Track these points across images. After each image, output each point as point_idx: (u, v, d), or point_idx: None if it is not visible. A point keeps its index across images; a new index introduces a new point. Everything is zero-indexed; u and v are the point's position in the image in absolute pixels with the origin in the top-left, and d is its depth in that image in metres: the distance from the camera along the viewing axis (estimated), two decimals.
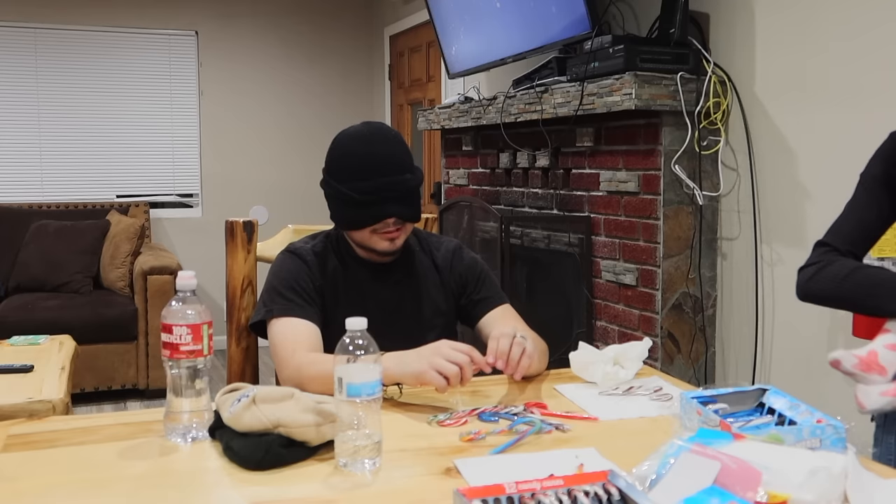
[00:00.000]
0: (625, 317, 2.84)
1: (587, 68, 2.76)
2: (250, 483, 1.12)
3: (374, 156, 1.67)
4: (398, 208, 1.67)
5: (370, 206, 1.66)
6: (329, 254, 1.77)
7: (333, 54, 5.92)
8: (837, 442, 1.14)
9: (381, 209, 1.66)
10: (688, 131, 2.62)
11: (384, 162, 1.67)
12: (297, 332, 1.63)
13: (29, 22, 5.24)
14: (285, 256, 1.75)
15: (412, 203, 1.69)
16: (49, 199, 5.29)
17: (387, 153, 1.68)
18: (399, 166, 1.68)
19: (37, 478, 1.13)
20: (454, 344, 1.42)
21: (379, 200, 1.65)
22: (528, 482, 0.93)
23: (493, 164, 3.59)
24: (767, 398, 1.30)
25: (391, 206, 1.66)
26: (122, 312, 4.50)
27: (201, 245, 5.57)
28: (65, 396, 2.19)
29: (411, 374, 1.41)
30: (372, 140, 1.69)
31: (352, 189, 1.66)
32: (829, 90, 2.34)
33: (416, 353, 1.42)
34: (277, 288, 1.69)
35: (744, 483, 0.93)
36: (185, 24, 5.56)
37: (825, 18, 2.34)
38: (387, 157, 1.67)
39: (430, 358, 1.39)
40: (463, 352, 1.39)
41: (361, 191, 1.65)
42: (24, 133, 5.29)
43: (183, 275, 1.29)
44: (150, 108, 5.53)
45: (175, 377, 1.28)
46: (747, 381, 2.59)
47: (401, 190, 1.67)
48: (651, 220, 2.69)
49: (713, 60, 2.66)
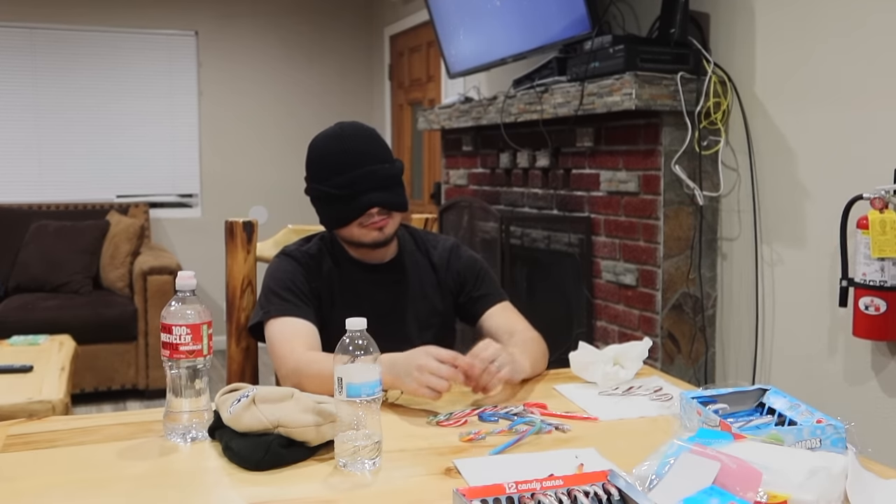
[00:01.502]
0: (625, 317, 2.84)
1: (587, 68, 2.76)
2: (250, 483, 1.12)
3: (347, 151, 1.69)
4: (379, 196, 1.68)
5: (351, 200, 1.67)
6: (324, 256, 1.77)
7: (333, 54, 5.92)
8: (837, 442, 1.14)
9: (361, 200, 1.67)
10: (688, 131, 2.62)
11: (359, 155, 1.69)
12: (295, 330, 1.63)
13: (27, 22, 5.24)
14: (280, 259, 1.76)
15: (393, 190, 1.70)
16: (49, 199, 5.29)
17: (360, 146, 1.70)
18: (374, 157, 1.70)
19: (36, 478, 1.13)
20: (438, 353, 1.41)
21: (358, 192, 1.67)
22: (527, 482, 0.93)
23: (493, 165, 3.59)
24: (767, 398, 1.30)
25: (371, 195, 1.67)
26: (121, 312, 4.50)
27: (201, 245, 5.57)
28: (64, 396, 2.19)
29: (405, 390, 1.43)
30: (343, 136, 1.72)
31: (331, 186, 1.68)
32: (829, 90, 2.34)
33: (406, 365, 1.41)
34: (274, 289, 1.69)
35: (744, 483, 0.93)
36: (185, 24, 5.56)
37: (825, 18, 2.34)
38: (360, 150, 1.69)
39: (419, 377, 1.39)
40: (447, 362, 1.40)
41: (340, 185, 1.67)
42: (24, 133, 5.28)
43: (183, 275, 1.29)
44: (150, 109, 5.52)
45: (175, 377, 1.28)
46: (747, 381, 2.59)
47: (379, 178, 1.68)
48: (651, 220, 2.69)
49: (713, 60, 2.66)
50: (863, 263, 2.12)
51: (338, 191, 1.68)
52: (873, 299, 2.10)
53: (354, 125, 1.75)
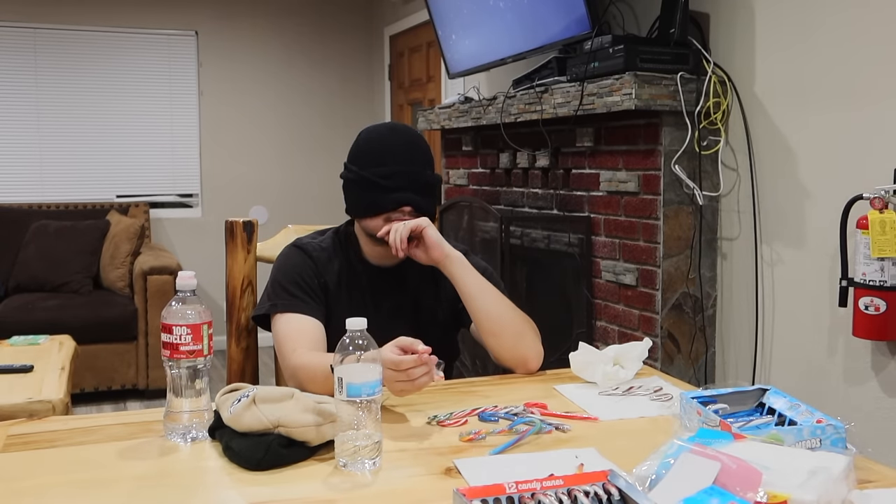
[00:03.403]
0: (625, 317, 2.84)
1: (587, 68, 2.76)
2: (250, 483, 1.12)
3: (397, 144, 1.70)
4: (416, 197, 1.69)
5: (389, 192, 1.68)
6: (336, 252, 1.77)
7: (333, 54, 5.92)
8: (837, 442, 1.14)
9: (398, 195, 1.67)
10: (688, 131, 2.62)
11: (406, 151, 1.70)
12: (300, 328, 1.63)
13: (28, 22, 5.24)
14: (291, 251, 1.76)
15: (428, 197, 1.71)
16: (49, 199, 5.29)
17: (409, 143, 1.71)
18: (420, 160, 1.71)
19: (36, 478, 1.13)
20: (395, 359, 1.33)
21: (398, 187, 1.68)
22: (528, 482, 0.93)
23: (493, 164, 3.59)
24: (767, 398, 1.30)
25: (409, 194, 1.68)
26: (121, 312, 4.50)
27: (201, 245, 5.57)
28: (65, 396, 2.19)
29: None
30: (397, 130, 1.74)
31: (373, 174, 1.68)
32: (829, 90, 2.34)
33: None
34: (282, 283, 1.69)
35: (744, 483, 0.93)
36: (185, 24, 5.56)
37: (825, 18, 2.34)
38: (409, 148, 1.71)
39: (394, 386, 1.35)
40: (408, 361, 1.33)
41: (382, 175, 1.68)
42: (24, 133, 5.29)
43: (183, 275, 1.29)
44: (150, 109, 5.52)
45: (175, 377, 1.28)
46: (747, 381, 2.59)
47: (420, 181, 1.69)
48: (651, 220, 2.69)
49: (713, 60, 2.66)
50: (863, 263, 2.12)
51: (379, 179, 1.68)
52: (873, 299, 2.10)
53: (408, 126, 1.79)
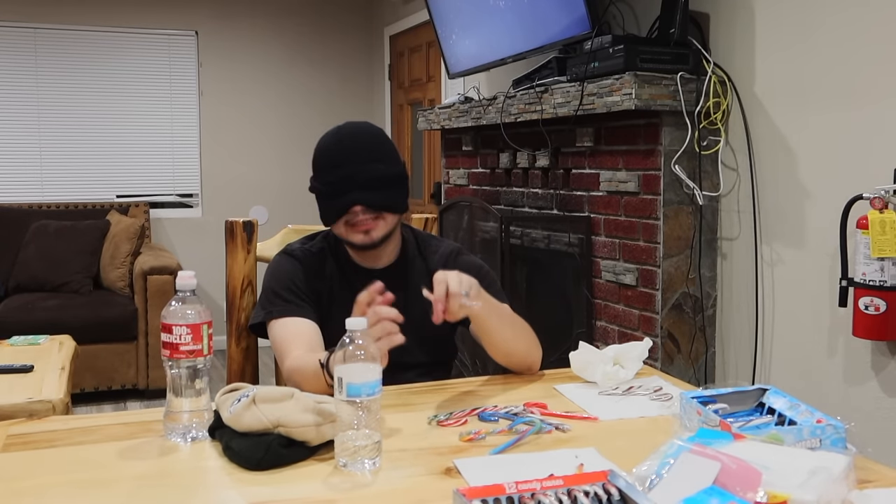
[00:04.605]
0: (625, 317, 2.84)
1: (587, 68, 2.76)
2: (250, 483, 1.12)
3: (339, 149, 1.69)
4: (364, 195, 1.66)
5: (336, 197, 1.67)
6: (326, 256, 1.77)
7: (333, 54, 5.92)
8: (837, 442, 1.14)
9: (346, 197, 1.66)
10: (688, 131, 2.62)
11: (349, 152, 1.68)
12: (297, 331, 1.63)
13: (29, 22, 5.24)
14: (281, 258, 1.76)
15: (381, 191, 1.68)
16: (49, 199, 5.29)
17: (353, 145, 1.69)
18: (365, 156, 1.68)
19: (36, 478, 1.13)
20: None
21: (344, 189, 1.66)
22: (528, 482, 0.93)
23: (493, 164, 3.59)
24: (767, 398, 1.30)
25: (356, 194, 1.66)
26: (121, 312, 4.50)
27: (201, 245, 5.57)
28: (65, 396, 2.19)
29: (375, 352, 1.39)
30: (340, 134, 1.71)
31: (322, 182, 1.69)
32: (829, 90, 2.34)
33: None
34: (275, 289, 1.69)
35: (744, 483, 0.93)
36: (185, 24, 5.56)
37: (825, 18, 2.34)
38: (353, 148, 1.68)
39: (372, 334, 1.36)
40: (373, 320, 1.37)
41: (328, 182, 1.68)
42: (24, 133, 5.29)
43: (183, 275, 1.29)
44: (150, 108, 5.52)
45: (175, 377, 1.28)
46: (747, 381, 2.59)
47: (365, 178, 1.67)
48: (651, 220, 2.69)
49: (713, 60, 2.66)
50: (863, 263, 2.12)
51: (325, 187, 1.68)
52: (873, 299, 2.10)
53: (357, 125, 1.75)
